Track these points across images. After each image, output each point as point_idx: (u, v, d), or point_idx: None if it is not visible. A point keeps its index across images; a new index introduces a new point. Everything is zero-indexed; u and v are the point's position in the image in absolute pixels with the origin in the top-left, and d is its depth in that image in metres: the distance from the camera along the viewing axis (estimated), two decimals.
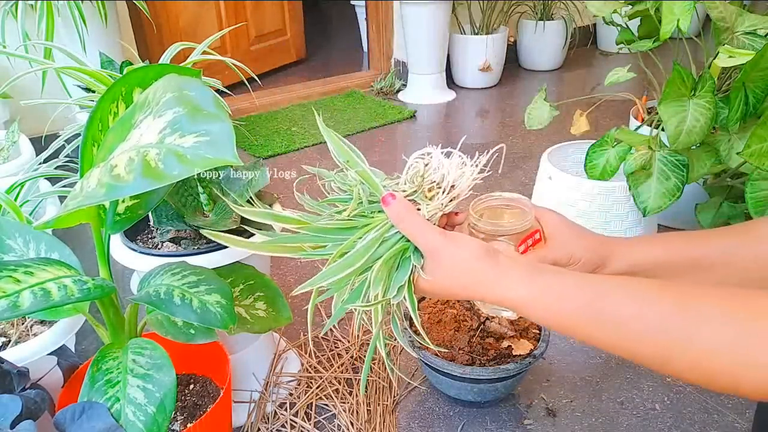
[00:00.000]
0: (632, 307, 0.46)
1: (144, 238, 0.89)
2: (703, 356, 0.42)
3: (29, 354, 0.73)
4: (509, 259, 0.54)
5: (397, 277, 0.56)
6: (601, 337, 0.47)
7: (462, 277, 0.53)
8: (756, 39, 1.08)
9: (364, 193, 0.59)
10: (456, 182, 0.57)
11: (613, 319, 0.46)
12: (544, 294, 0.50)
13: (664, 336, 0.44)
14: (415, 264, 0.56)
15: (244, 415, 0.94)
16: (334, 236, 0.58)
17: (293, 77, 2.96)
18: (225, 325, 0.62)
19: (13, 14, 1.60)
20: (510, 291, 0.51)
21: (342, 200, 0.61)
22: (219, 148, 0.44)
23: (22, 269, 0.56)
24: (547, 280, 0.51)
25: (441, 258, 0.54)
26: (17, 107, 1.46)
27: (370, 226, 0.57)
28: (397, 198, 0.55)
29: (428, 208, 0.56)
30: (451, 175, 0.57)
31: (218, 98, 0.51)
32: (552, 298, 0.50)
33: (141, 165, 0.45)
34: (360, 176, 0.59)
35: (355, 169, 0.59)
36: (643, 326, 0.45)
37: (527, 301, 0.51)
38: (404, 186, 0.58)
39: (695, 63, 1.18)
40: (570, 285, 0.50)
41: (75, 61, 0.89)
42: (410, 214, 0.55)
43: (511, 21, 2.82)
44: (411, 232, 0.55)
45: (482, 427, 0.94)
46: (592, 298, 0.48)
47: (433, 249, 0.54)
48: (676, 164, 1.08)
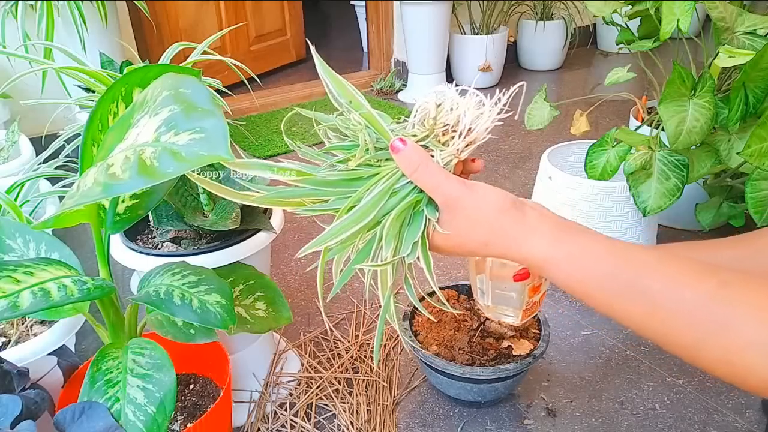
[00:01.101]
0: (667, 285, 0.42)
1: (144, 238, 0.89)
2: (736, 350, 0.39)
3: (29, 354, 0.73)
4: (537, 212, 0.49)
5: (410, 233, 0.50)
6: (628, 312, 0.44)
7: (483, 231, 0.48)
8: (756, 39, 1.08)
9: (370, 139, 0.51)
10: (473, 124, 0.51)
11: (642, 295, 0.43)
12: (568, 257, 0.46)
13: (697, 322, 0.41)
14: (430, 217, 0.50)
15: (244, 415, 0.95)
16: (337, 189, 0.52)
17: (293, 77, 2.96)
18: (225, 325, 0.62)
19: (13, 14, 1.60)
20: (534, 250, 0.47)
21: (344, 148, 0.54)
22: (213, 144, 0.44)
23: (22, 269, 0.56)
24: (576, 241, 0.47)
25: (460, 209, 0.48)
26: (17, 107, 1.47)
27: (378, 177, 0.51)
28: (408, 144, 0.49)
29: (442, 155, 0.50)
30: (468, 116, 0.50)
31: (214, 95, 0.51)
32: (579, 264, 0.46)
33: (136, 163, 0.45)
34: (365, 119, 0.52)
35: (360, 111, 0.52)
36: (677, 308, 0.42)
37: (552, 262, 0.47)
38: (414, 130, 0.52)
39: (695, 63, 1.18)
40: (600, 251, 0.46)
41: (75, 61, 0.89)
42: (424, 162, 0.49)
43: (511, 21, 2.82)
44: (425, 182, 0.49)
45: (482, 427, 0.94)
46: (622, 269, 0.44)
47: (451, 199, 0.48)
48: (676, 164, 1.08)
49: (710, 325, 0.40)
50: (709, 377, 1.02)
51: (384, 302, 0.53)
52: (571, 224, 0.49)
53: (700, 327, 0.41)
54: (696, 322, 0.41)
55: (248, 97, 2.41)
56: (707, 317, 0.40)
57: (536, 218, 0.48)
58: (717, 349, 0.40)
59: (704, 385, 1.00)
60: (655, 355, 1.07)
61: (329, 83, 0.54)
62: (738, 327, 0.39)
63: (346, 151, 0.53)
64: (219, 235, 0.86)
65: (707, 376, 1.02)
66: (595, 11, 1.29)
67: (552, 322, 1.16)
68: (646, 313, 0.43)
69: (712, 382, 1.01)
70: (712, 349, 0.40)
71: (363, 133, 0.51)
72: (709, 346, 0.40)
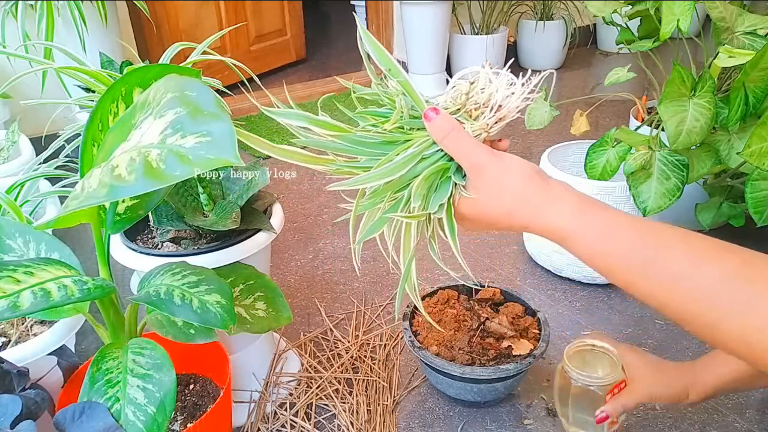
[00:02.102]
0: (690, 261, 0.43)
1: (144, 238, 0.89)
2: (753, 329, 0.39)
3: (29, 354, 0.73)
4: (561, 184, 0.50)
5: (438, 196, 0.52)
6: (649, 286, 0.44)
7: (508, 199, 0.49)
8: (756, 39, 1.08)
9: (406, 106, 0.54)
10: (504, 102, 0.53)
11: (664, 270, 0.43)
12: (592, 229, 0.47)
13: (718, 299, 0.41)
14: (457, 182, 0.52)
15: (244, 415, 0.95)
16: (370, 149, 0.54)
17: (293, 77, 2.96)
18: (225, 325, 0.62)
19: (13, 14, 1.60)
20: (557, 219, 0.48)
21: (378, 114, 0.56)
22: (220, 148, 0.44)
23: (22, 269, 0.56)
24: (600, 215, 0.47)
25: (487, 176, 0.50)
26: (17, 107, 1.46)
27: (410, 143, 0.53)
28: (441, 113, 0.50)
29: (473, 127, 0.52)
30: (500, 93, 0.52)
31: (219, 98, 0.51)
32: (602, 237, 0.46)
33: (142, 165, 0.45)
34: (402, 86, 0.54)
35: (397, 78, 0.54)
36: (698, 284, 0.42)
37: (575, 234, 0.47)
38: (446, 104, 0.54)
39: (695, 63, 1.18)
40: (624, 226, 0.46)
41: (75, 61, 0.89)
42: (455, 129, 0.50)
43: (511, 21, 2.82)
44: (455, 148, 0.50)
45: (482, 427, 0.94)
46: (645, 244, 0.45)
47: (479, 165, 0.50)
48: (676, 164, 1.08)
49: (730, 304, 0.40)
50: None
51: (405, 269, 0.54)
52: (594, 200, 0.49)
53: (720, 304, 0.41)
54: (716, 299, 0.41)
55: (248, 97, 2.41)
56: (728, 295, 0.41)
57: (560, 189, 0.49)
58: (736, 328, 0.40)
59: None
60: (656, 354, 1.07)
61: (370, 50, 0.55)
62: (758, 307, 0.39)
63: (380, 118, 0.56)
64: (219, 235, 0.86)
65: None
66: (595, 11, 1.29)
67: (552, 322, 1.16)
68: (667, 289, 0.43)
69: None
70: (731, 327, 0.40)
71: (399, 98, 0.53)
72: (728, 325, 0.40)
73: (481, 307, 1.00)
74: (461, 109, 0.53)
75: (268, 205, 0.92)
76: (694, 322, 0.43)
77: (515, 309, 0.99)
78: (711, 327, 0.42)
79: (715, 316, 0.41)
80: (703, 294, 0.42)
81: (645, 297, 0.45)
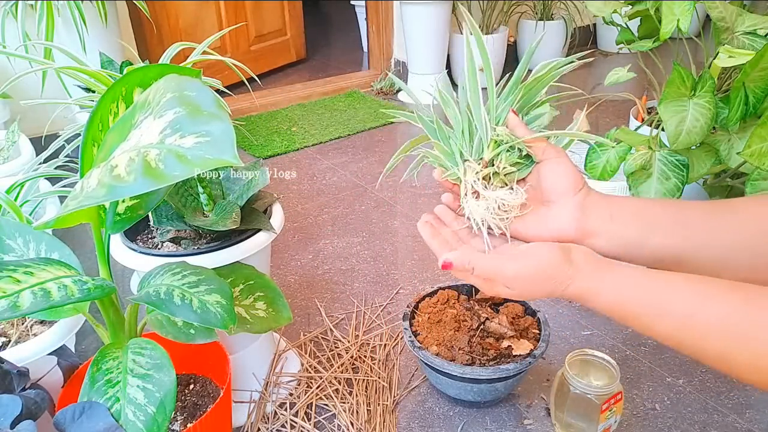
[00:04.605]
0: (696, 300, 0.47)
1: (144, 238, 0.89)
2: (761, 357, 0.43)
3: (29, 354, 0.73)
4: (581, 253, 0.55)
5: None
6: (662, 328, 0.49)
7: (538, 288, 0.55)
8: (756, 39, 1.08)
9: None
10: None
11: (675, 312, 0.48)
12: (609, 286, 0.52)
13: (726, 332, 0.44)
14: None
15: (244, 415, 0.95)
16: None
17: (293, 77, 2.96)
18: (225, 325, 0.62)
19: (13, 14, 1.60)
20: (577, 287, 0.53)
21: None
22: (219, 148, 0.44)
23: (22, 269, 0.56)
24: (613, 272, 0.52)
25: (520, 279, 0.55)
26: (17, 107, 1.46)
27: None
28: (451, 259, 0.58)
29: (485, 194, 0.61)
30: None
31: (219, 98, 0.51)
32: (617, 291, 0.51)
33: (141, 165, 0.45)
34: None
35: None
36: (706, 321, 0.45)
37: (592, 292, 0.53)
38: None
39: (695, 63, 1.18)
40: (634, 278, 0.51)
41: (75, 61, 0.89)
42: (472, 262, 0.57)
43: (511, 21, 2.82)
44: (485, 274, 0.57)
45: (482, 427, 0.94)
46: (655, 291, 0.49)
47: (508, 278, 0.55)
48: (676, 164, 1.08)
49: (738, 335, 0.44)
50: (709, 377, 1.02)
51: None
52: (608, 260, 0.55)
53: (729, 336, 0.44)
54: (724, 332, 0.45)
55: (248, 97, 2.41)
56: (735, 327, 0.44)
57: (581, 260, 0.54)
58: (745, 357, 0.44)
59: (704, 385, 1.00)
60: (655, 355, 1.07)
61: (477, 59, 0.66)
62: (764, 334, 0.43)
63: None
64: (219, 235, 0.86)
65: (707, 376, 1.02)
66: (595, 11, 1.29)
67: (552, 322, 1.16)
68: (677, 328, 0.48)
69: (712, 382, 1.01)
70: (741, 357, 0.44)
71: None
72: (738, 355, 0.44)
73: (481, 307, 1.00)
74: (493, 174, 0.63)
75: (268, 205, 0.92)
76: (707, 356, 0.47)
77: (515, 309, 0.99)
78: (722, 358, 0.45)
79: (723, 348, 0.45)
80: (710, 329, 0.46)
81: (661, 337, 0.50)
